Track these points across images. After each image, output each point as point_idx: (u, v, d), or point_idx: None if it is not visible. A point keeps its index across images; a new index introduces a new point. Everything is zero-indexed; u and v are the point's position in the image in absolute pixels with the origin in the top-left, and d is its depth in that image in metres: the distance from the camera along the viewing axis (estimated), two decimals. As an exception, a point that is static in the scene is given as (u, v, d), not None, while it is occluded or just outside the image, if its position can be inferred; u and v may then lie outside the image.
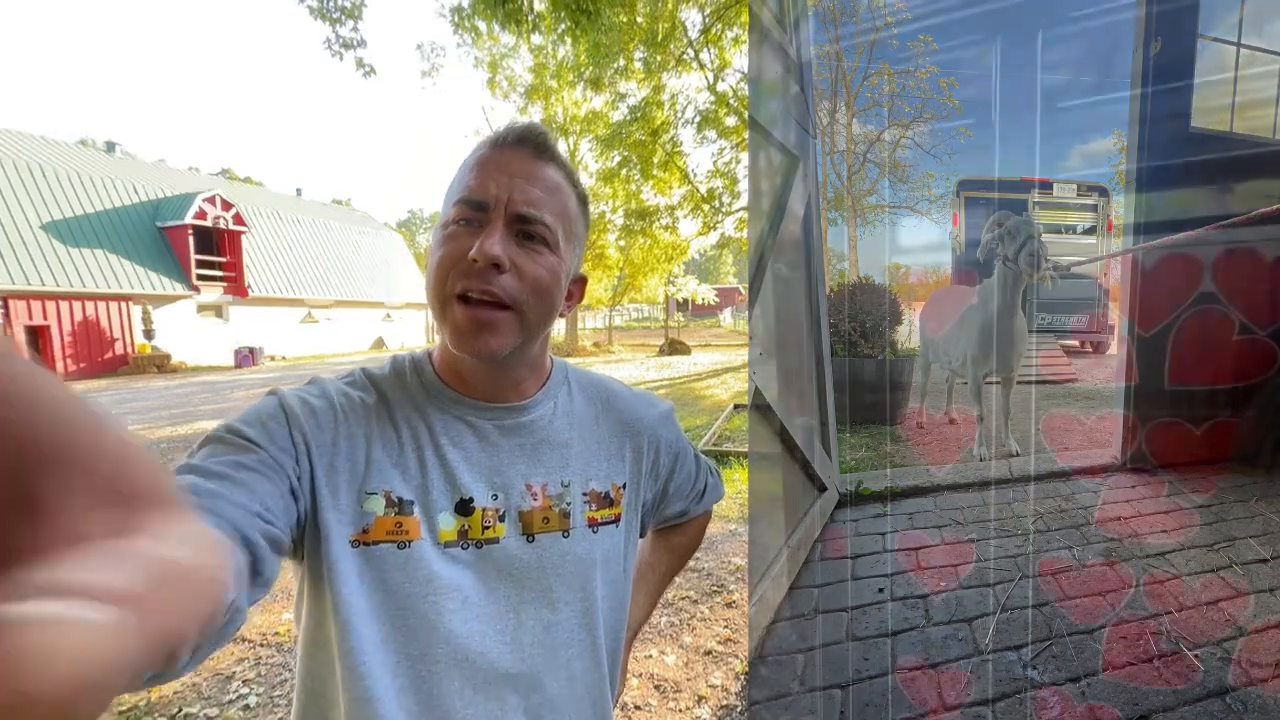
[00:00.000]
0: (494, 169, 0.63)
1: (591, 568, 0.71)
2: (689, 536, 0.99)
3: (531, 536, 0.68)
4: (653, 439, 0.80)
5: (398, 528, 0.62)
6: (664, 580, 0.98)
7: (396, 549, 0.61)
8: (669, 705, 2.44)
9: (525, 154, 0.65)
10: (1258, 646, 0.93)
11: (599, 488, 0.74)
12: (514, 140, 0.65)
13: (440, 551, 0.63)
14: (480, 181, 0.63)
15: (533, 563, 0.67)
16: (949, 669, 1.11)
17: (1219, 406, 1.28)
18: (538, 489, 0.69)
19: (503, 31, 9.31)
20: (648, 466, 0.80)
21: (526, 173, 0.64)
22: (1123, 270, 1.72)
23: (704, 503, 0.95)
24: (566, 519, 0.70)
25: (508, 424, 0.69)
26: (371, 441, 0.63)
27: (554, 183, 0.66)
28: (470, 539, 0.65)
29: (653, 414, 0.82)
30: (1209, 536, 1.23)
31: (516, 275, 0.62)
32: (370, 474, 0.62)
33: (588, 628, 0.71)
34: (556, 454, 0.71)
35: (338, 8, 7.78)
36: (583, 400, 0.78)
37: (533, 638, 0.67)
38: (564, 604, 0.69)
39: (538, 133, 0.66)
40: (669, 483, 0.85)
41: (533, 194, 0.63)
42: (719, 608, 3.22)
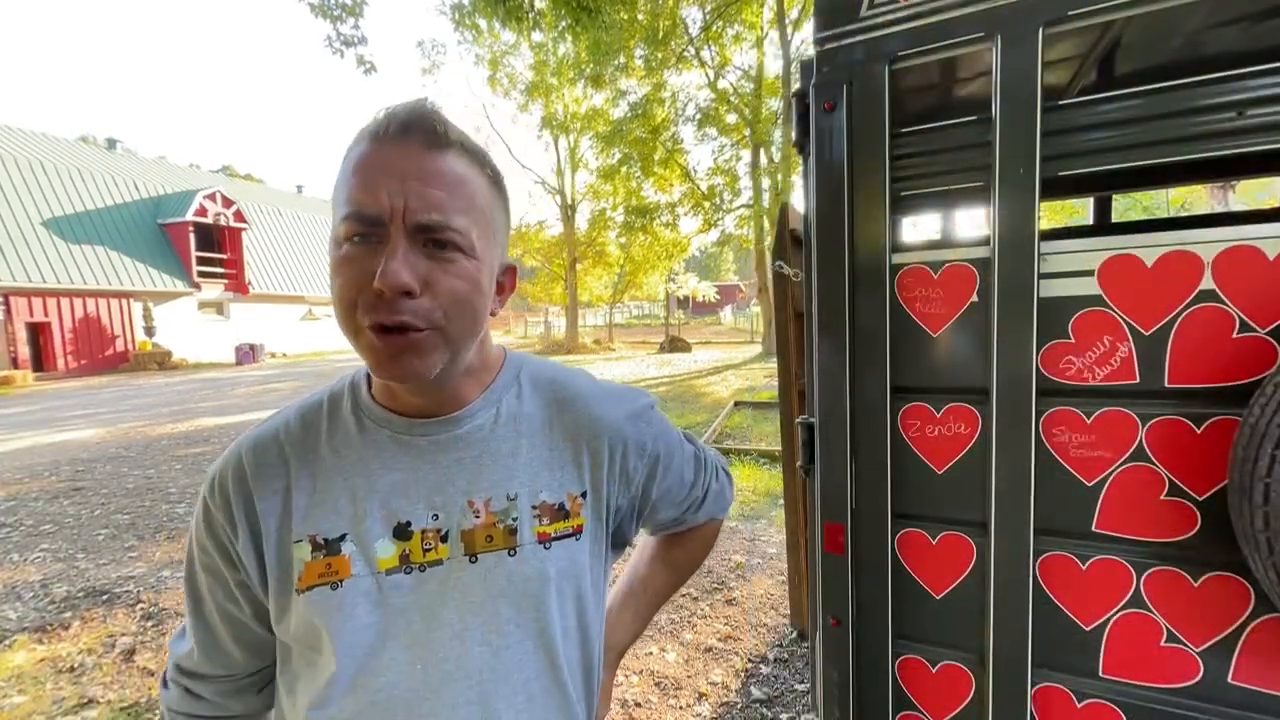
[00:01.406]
0: (381, 172, 0.53)
1: (544, 585, 0.65)
2: (689, 550, 0.91)
3: (474, 556, 0.63)
4: (617, 440, 0.72)
5: (328, 569, 0.61)
6: (657, 599, 0.90)
7: (330, 590, 0.60)
8: (669, 702, 2.45)
9: (415, 147, 0.54)
10: (1259, 645, 0.93)
11: (550, 499, 0.67)
12: (397, 131, 0.54)
13: (381, 580, 0.61)
14: (367, 190, 0.53)
15: (477, 584, 0.63)
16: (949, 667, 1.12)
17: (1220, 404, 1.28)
18: (480, 505, 0.64)
19: (503, 29, 9.29)
20: (613, 472, 0.71)
21: (420, 171, 0.54)
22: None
23: (705, 510, 0.86)
24: (513, 535, 0.65)
25: (442, 438, 0.65)
26: (293, 490, 0.63)
27: (455, 176, 0.56)
28: (412, 563, 0.62)
29: (618, 412, 0.73)
30: (1209, 534, 1.23)
31: (431, 294, 0.54)
32: (291, 523, 0.62)
33: (545, 649, 0.66)
34: (500, 465, 0.66)
35: (338, 5, 7.78)
36: (535, 402, 0.70)
37: (481, 664, 0.63)
38: (514, 625, 0.64)
39: (425, 116, 0.55)
40: (649, 486, 0.76)
41: (433, 196, 0.54)
42: (719, 605, 3.23)
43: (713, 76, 16.71)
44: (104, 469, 6.23)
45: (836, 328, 1.12)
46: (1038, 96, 0.95)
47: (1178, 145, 0.92)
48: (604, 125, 18.97)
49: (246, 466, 0.64)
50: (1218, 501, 0.93)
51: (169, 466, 6.31)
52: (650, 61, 15.69)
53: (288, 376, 15.12)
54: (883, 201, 1.07)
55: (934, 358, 1.09)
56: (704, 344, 23.98)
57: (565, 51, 18.47)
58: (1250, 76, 0.86)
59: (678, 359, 17.86)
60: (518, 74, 21.13)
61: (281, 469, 0.64)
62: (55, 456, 6.80)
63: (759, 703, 2.42)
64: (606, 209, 20.49)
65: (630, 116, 16.99)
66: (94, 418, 9.48)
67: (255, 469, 0.63)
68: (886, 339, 1.09)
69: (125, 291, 17.86)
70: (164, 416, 9.45)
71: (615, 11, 9.10)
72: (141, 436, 7.93)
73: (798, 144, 1.19)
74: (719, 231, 18.62)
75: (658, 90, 16.61)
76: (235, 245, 21.39)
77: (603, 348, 22.81)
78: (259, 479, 0.63)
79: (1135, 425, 0.97)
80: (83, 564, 3.83)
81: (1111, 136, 0.95)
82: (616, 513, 0.74)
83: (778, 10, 14.15)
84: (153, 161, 24.55)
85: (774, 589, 3.38)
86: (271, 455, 0.64)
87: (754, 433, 7.35)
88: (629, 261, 21.69)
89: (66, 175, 18.22)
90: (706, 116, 17.26)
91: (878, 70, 1.05)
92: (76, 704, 2.43)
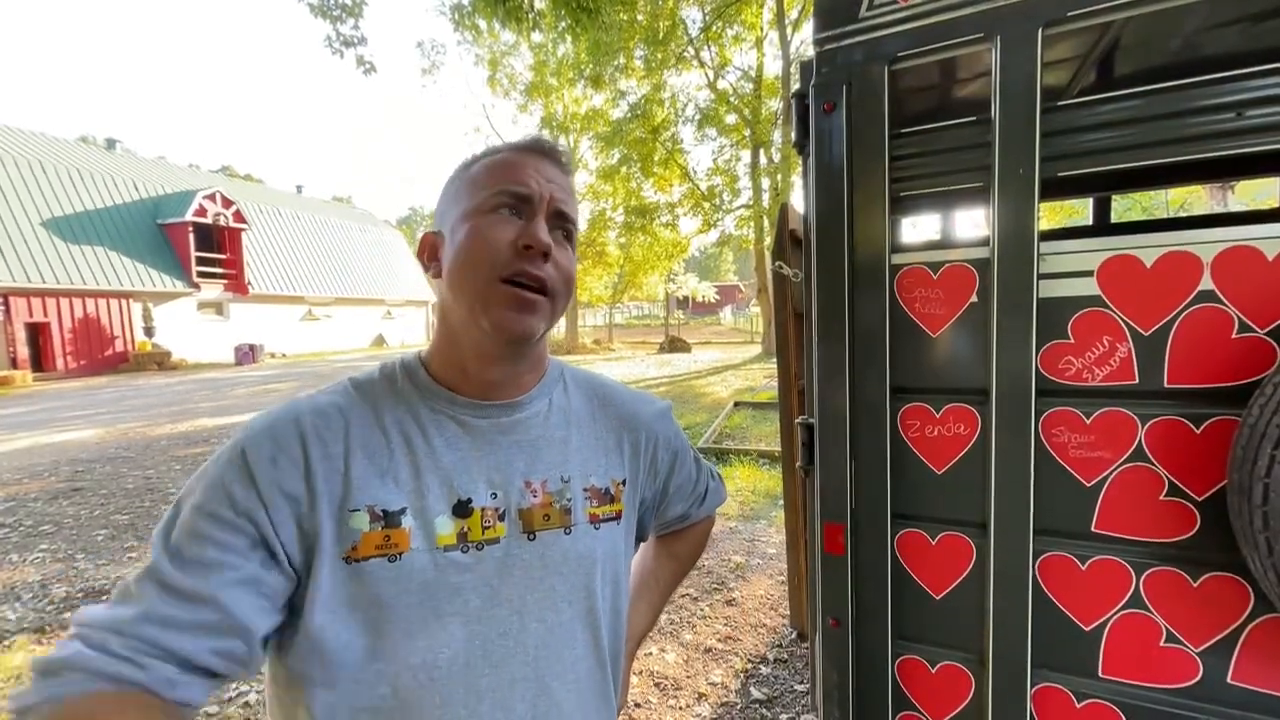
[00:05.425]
0: (530, 169, 0.67)
1: (593, 566, 0.70)
2: (691, 544, 0.98)
3: (533, 534, 0.67)
4: (650, 435, 0.81)
5: (386, 541, 0.61)
6: (668, 589, 0.96)
7: (388, 562, 0.60)
8: (669, 703, 2.45)
9: (552, 163, 0.69)
10: (1258, 646, 0.93)
11: (599, 483, 0.73)
12: (543, 150, 0.70)
13: (439, 557, 0.62)
14: (519, 176, 0.66)
15: (535, 561, 0.66)
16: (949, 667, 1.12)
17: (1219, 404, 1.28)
18: (537, 485, 0.68)
19: (503, 29, 9.29)
20: (646, 463, 0.80)
21: (557, 177, 0.69)
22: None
23: (705, 506, 0.94)
24: (568, 515, 0.69)
25: (504, 421, 0.69)
26: (351, 457, 0.62)
27: (572, 191, 0.71)
28: (470, 541, 0.64)
29: (649, 410, 0.83)
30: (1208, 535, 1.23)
31: (555, 266, 0.66)
32: (350, 492, 0.61)
33: (591, 628, 0.70)
34: (555, 450, 0.71)
35: (338, 5, 7.78)
36: (579, 396, 0.78)
37: (538, 640, 0.65)
38: (567, 604, 0.68)
39: (561, 148, 0.72)
40: (669, 481, 0.85)
41: (566, 195, 0.69)
42: (719, 605, 3.22)
43: (712, 77, 16.71)
44: (103, 469, 6.22)
45: (836, 328, 1.12)
46: (1037, 97, 0.95)
47: (1177, 146, 0.92)
48: (604, 126, 18.98)
49: (306, 428, 0.62)
50: (1217, 502, 0.93)
51: (168, 467, 6.31)
52: (650, 62, 15.69)
53: (287, 377, 15.10)
54: (882, 202, 1.07)
55: (934, 358, 1.09)
56: (704, 344, 23.99)
57: (565, 52, 18.48)
58: (1250, 77, 0.87)
59: (677, 359, 17.87)
60: (517, 74, 21.15)
61: (342, 435, 0.63)
62: (54, 457, 6.80)
63: (759, 703, 2.41)
64: (606, 209, 20.49)
65: (630, 117, 16.99)
66: (93, 418, 9.47)
67: (315, 431, 0.62)
68: (886, 339, 1.09)
69: (125, 292, 17.84)
70: (163, 417, 9.44)
71: (615, 12, 9.10)
72: (141, 437, 7.92)
73: (798, 144, 1.20)
74: (719, 232, 18.63)
75: (657, 91, 16.61)
76: (235, 245, 21.36)
77: (602, 348, 22.81)
78: (318, 443, 0.61)
79: (1135, 425, 0.97)
80: (82, 564, 3.82)
81: (1111, 137, 0.95)
82: (643, 503, 0.82)
83: (777, 11, 14.16)
84: (152, 162, 24.53)
85: (773, 589, 3.38)
86: (334, 421, 0.64)
87: (754, 433, 7.35)
88: (629, 262, 21.67)
89: (66, 175, 18.20)
90: (706, 117, 17.26)
91: (877, 71, 1.05)
92: (76, 704, 2.43)
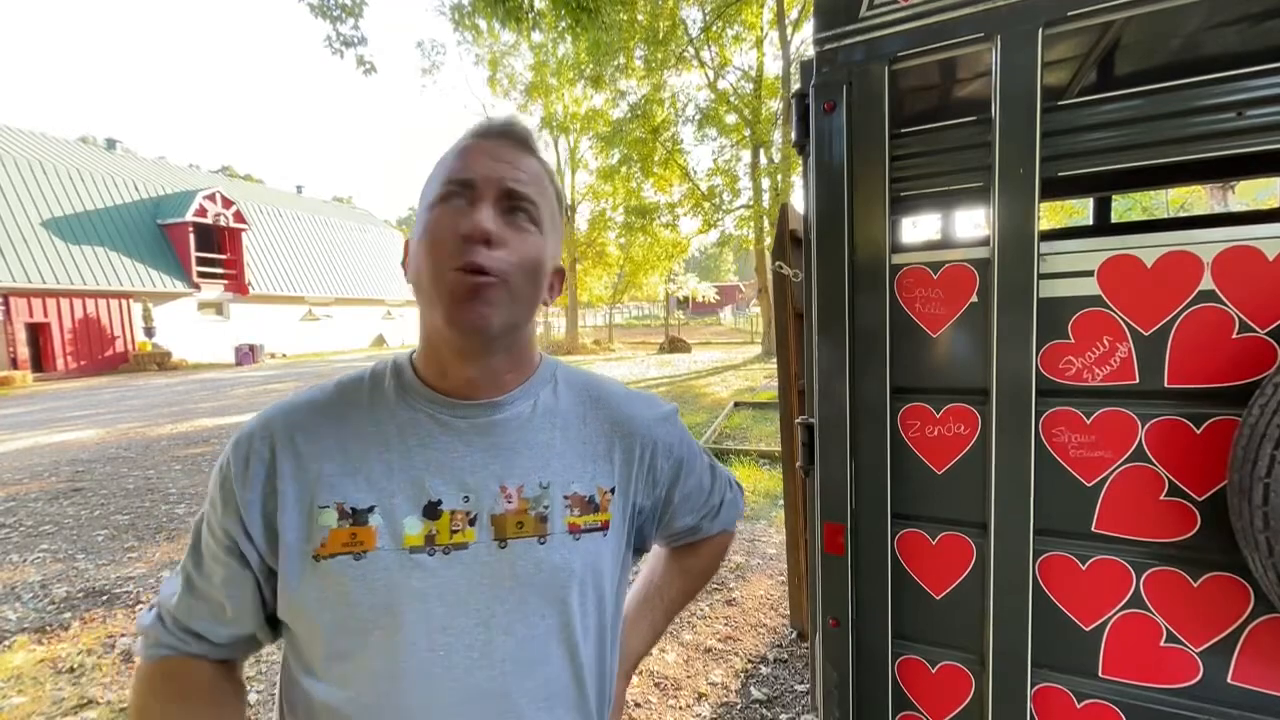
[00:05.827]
0: (477, 152, 0.64)
1: (569, 578, 0.65)
2: (704, 559, 0.91)
3: (504, 542, 0.64)
4: (647, 441, 0.75)
5: (352, 539, 0.60)
6: (673, 607, 0.90)
7: (353, 560, 0.60)
8: (669, 703, 2.45)
9: (509, 144, 0.65)
10: (1258, 646, 0.93)
11: (582, 491, 0.68)
12: (498, 132, 0.66)
13: (404, 558, 0.61)
14: (466, 164, 0.63)
15: (505, 571, 0.63)
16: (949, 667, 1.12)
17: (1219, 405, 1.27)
18: (512, 491, 0.65)
19: (503, 29, 9.29)
20: (641, 470, 0.74)
21: (510, 157, 0.64)
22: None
23: (720, 520, 0.88)
24: (544, 524, 0.65)
25: (481, 422, 0.66)
26: (324, 455, 0.63)
27: (536, 171, 0.66)
28: (437, 544, 0.62)
29: (649, 414, 0.77)
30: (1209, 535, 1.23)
31: (505, 249, 0.61)
32: (320, 489, 0.61)
33: (567, 645, 0.66)
34: (535, 453, 0.67)
35: (338, 5, 7.78)
36: (569, 399, 0.73)
37: (505, 654, 0.62)
38: (540, 618, 0.64)
39: (521, 126, 0.67)
40: (672, 490, 0.79)
41: (517, 173, 0.64)
42: (719, 605, 3.22)
43: (712, 77, 16.70)
44: (103, 469, 6.22)
45: (836, 328, 1.12)
46: (1037, 97, 0.95)
47: (1177, 146, 0.91)
48: (604, 126, 18.98)
49: (276, 429, 0.64)
50: (1217, 502, 0.93)
51: (168, 467, 6.31)
52: (650, 62, 15.68)
53: (287, 377, 15.10)
54: (882, 202, 1.07)
55: (934, 358, 1.09)
56: (704, 344, 23.97)
57: (565, 52, 18.47)
58: (1250, 77, 0.86)
59: (677, 359, 17.86)
60: (517, 74, 21.15)
61: (314, 434, 0.64)
62: (55, 457, 6.79)
63: (759, 703, 2.41)
64: (606, 209, 20.50)
65: (630, 117, 16.99)
66: (93, 418, 9.47)
67: (286, 432, 0.64)
68: (886, 339, 1.09)
69: (125, 292, 17.84)
70: (163, 417, 9.44)
71: (615, 12, 9.10)
72: (141, 437, 7.92)
73: (798, 144, 1.19)
74: (719, 232, 18.60)
75: (657, 91, 16.61)
76: (235, 245, 21.37)
77: (602, 348, 22.80)
78: (287, 443, 0.63)
79: (1135, 425, 0.97)
80: (82, 564, 3.82)
81: (1111, 137, 0.95)
82: (640, 513, 0.76)
83: (777, 11, 14.16)
84: (152, 162, 24.52)
85: (774, 589, 3.38)
86: (309, 420, 0.65)
87: (754, 433, 7.35)
88: (629, 262, 21.70)
89: (66, 176, 18.21)
90: (706, 117, 17.26)
91: (877, 71, 1.05)
92: (76, 704, 2.43)
